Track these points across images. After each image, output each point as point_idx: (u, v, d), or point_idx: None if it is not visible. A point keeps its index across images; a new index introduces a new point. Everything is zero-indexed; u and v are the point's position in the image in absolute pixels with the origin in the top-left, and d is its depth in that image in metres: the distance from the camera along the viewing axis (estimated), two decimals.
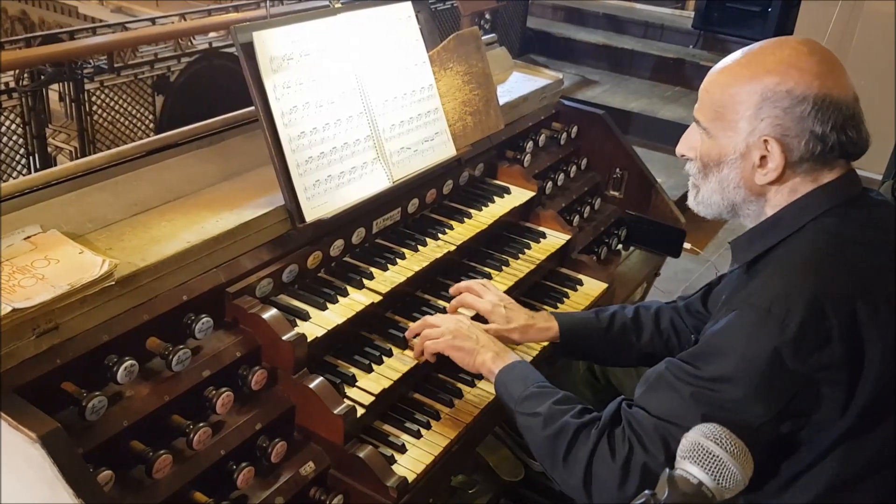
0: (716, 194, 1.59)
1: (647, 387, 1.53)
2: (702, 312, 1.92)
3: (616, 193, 2.80)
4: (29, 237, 1.52)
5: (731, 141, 1.53)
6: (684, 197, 1.78)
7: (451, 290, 2.02)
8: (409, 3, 2.17)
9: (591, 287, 2.35)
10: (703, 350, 1.49)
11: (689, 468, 1.05)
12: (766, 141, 1.48)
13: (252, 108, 1.79)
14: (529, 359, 1.96)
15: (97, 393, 1.38)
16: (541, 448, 1.59)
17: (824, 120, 1.45)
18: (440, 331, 1.82)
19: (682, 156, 1.65)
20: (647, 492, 1.03)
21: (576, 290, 2.33)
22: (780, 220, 1.54)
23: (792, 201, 1.53)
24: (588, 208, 2.64)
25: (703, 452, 1.06)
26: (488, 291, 1.98)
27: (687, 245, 2.82)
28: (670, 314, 1.99)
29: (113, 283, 1.47)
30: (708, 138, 1.57)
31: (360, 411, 1.68)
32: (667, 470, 1.07)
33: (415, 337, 1.88)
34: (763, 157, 1.50)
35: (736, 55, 1.57)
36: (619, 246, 2.74)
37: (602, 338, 1.98)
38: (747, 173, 1.53)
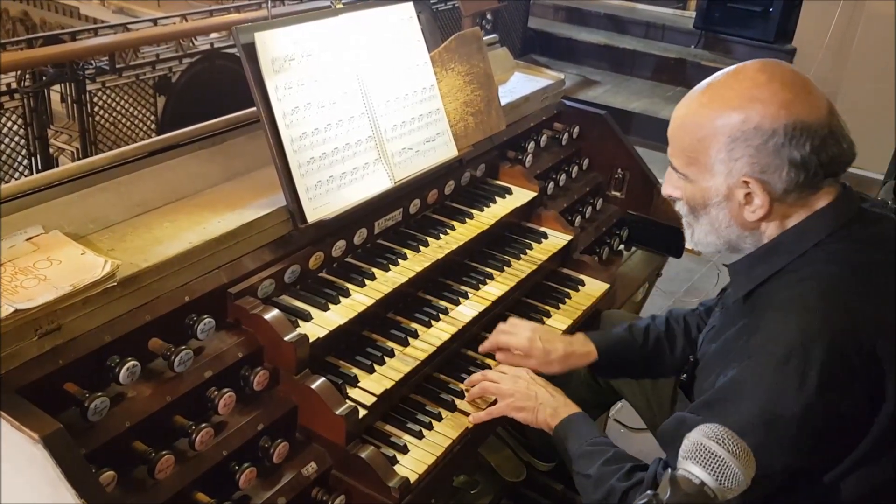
0: (710, 235, 1.56)
1: (673, 448, 1.52)
2: None
3: (618, 194, 2.80)
4: (31, 238, 1.52)
5: (712, 184, 1.49)
6: None
7: (482, 348, 2.00)
8: (411, 4, 2.17)
9: (593, 287, 2.35)
10: (718, 399, 1.45)
11: (691, 468, 1.05)
12: (745, 181, 1.45)
13: (254, 108, 1.79)
14: None
15: (99, 394, 1.38)
16: None
17: (800, 146, 1.40)
18: (501, 390, 1.81)
19: (670, 196, 1.62)
20: (649, 492, 1.03)
21: (577, 290, 2.33)
22: (781, 245, 1.50)
23: (790, 227, 1.49)
24: (590, 209, 2.64)
25: (706, 453, 1.06)
26: (520, 327, 1.96)
27: (688, 245, 2.82)
28: (697, 322, 1.98)
29: (115, 283, 1.47)
30: (688, 182, 1.54)
31: (362, 412, 1.68)
32: (669, 470, 1.07)
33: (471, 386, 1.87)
34: (748, 195, 1.46)
35: (695, 93, 1.52)
36: (621, 246, 2.74)
37: (639, 353, 1.97)
38: (735, 212, 1.50)
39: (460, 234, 2.20)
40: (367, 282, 1.92)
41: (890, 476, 1.44)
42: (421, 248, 2.09)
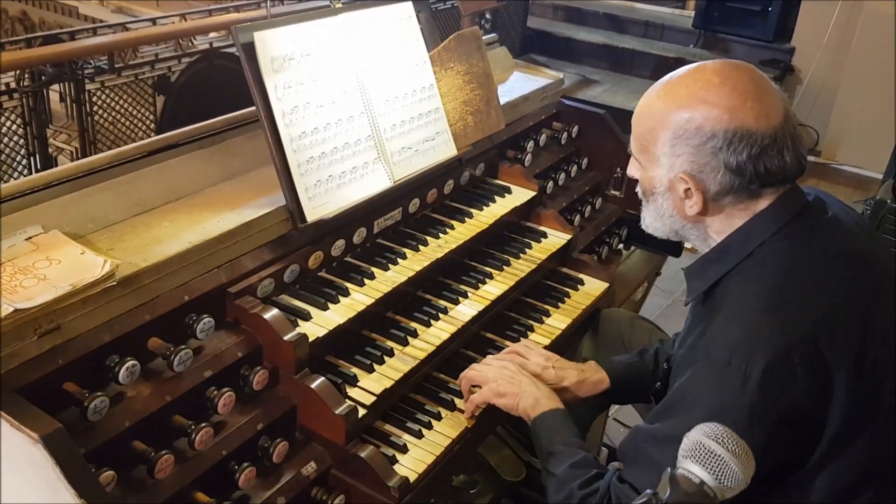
0: (657, 220, 1.62)
1: (628, 461, 1.53)
2: None
3: (617, 193, 2.80)
4: (31, 238, 1.52)
5: (657, 174, 1.55)
6: None
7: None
8: (410, 3, 2.17)
9: (592, 287, 2.35)
10: (668, 407, 1.48)
11: (690, 467, 1.05)
12: (682, 178, 1.49)
13: (253, 108, 1.79)
14: None
15: (99, 393, 1.38)
16: None
17: (738, 152, 1.43)
18: (485, 377, 1.81)
19: (631, 177, 1.66)
20: (648, 491, 1.03)
21: (577, 289, 2.33)
22: (729, 248, 1.53)
23: (736, 228, 1.52)
24: (589, 208, 2.64)
25: (705, 452, 1.06)
26: (533, 352, 1.95)
27: (687, 244, 2.82)
28: None
29: (114, 283, 1.47)
30: (641, 168, 1.60)
31: (362, 411, 1.68)
32: (668, 469, 1.07)
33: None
34: (687, 189, 1.51)
35: (658, 84, 1.56)
36: (620, 245, 2.74)
37: (651, 379, 1.96)
38: (678, 204, 1.55)
39: (460, 233, 2.20)
40: (366, 281, 1.92)
41: (856, 473, 1.44)
42: (420, 247, 2.09)
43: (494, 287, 2.13)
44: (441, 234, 2.17)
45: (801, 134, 1.49)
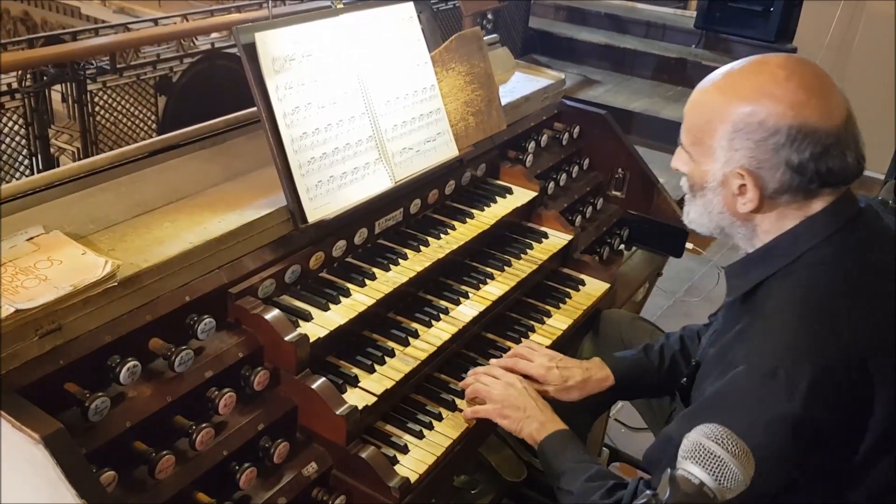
0: (703, 216, 1.58)
1: (658, 469, 1.50)
2: None
3: (618, 193, 2.80)
4: (32, 238, 1.52)
5: (711, 168, 1.50)
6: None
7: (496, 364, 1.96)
8: (411, 4, 2.17)
9: (594, 287, 2.35)
10: (703, 411, 1.43)
11: (690, 468, 1.05)
12: (740, 173, 1.45)
13: (254, 108, 1.79)
14: None
15: (100, 394, 1.38)
16: None
17: (800, 151, 1.39)
18: (490, 394, 1.80)
19: (676, 169, 1.62)
20: (648, 492, 1.03)
21: (578, 290, 2.33)
22: (775, 250, 1.50)
23: (784, 231, 1.48)
24: (590, 208, 2.64)
25: (705, 453, 1.06)
26: (537, 354, 1.95)
27: (689, 245, 2.82)
28: None
29: (115, 283, 1.47)
30: (692, 161, 1.55)
31: (363, 412, 1.67)
32: (668, 470, 1.07)
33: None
34: (742, 186, 1.46)
35: (716, 75, 1.52)
36: (622, 246, 2.74)
37: (656, 375, 1.96)
38: (729, 200, 1.50)
39: (461, 233, 2.20)
40: (367, 282, 1.92)
41: (885, 486, 1.42)
42: (421, 247, 2.09)
43: (495, 287, 2.13)
44: (442, 235, 2.17)
45: (861, 135, 1.44)
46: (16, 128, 3.31)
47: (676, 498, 1.02)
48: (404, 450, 1.71)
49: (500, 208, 2.34)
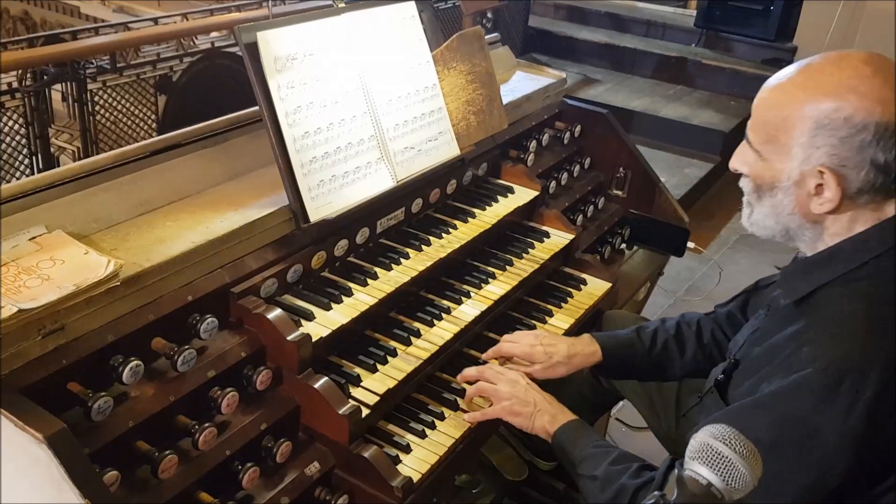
0: (769, 218, 1.51)
1: None
2: (742, 322, 1.87)
3: (619, 193, 2.80)
4: (34, 238, 1.52)
5: (785, 167, 1.43)
6: (686, 196, 1.77)
7: (486, 356, 1.97)
8: (413, 3, 2.16)
9: (595, 287, 2.35)
10: (761, 410, 1.40)
11: (697, 469, 1.04)
12: (821, 171, 1.39)
13: (256, 107, 1.79)
14: None
15: (103, 393, 1.38)
16: None
17: (886, 149, 1.34)
18: (498, 392, 1.79)
19: (735, 170, 1.56)
20: (656, 493, 1.03)
21: (580, 289, 2.33)
22: (839, 254, 1.45)
23: (853, 234, 1.44)
24: (591, 207, 2.64)
25: (712, 453, 1.05)
26: (521, 335, 1.96)
27: (690, 244, 2.82)
28: (711, 327, 1.96)
29: (118, 283, 1.47)
30: (760, 160, 1.48)
31: (365, 411, 1.67)
32: (675, 471, 1.06)
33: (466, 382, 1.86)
34: (819, 186, 1.41)
35: (792, 71, 1.46)
36: (623, 245, 2.74)
37: (646, 357, 1.96)
38: (802, 200, 1.44)
39: (462, 233, 2.20)
40: (369, 281, 1.92)
41: None
42: (423, 247, 2.09)
43: (497, 287, 2.13)
44: (444, 234, 2.17)
45: None
46: (16, 127, 3.31)
47: (684, 498, 1.02)
48: (407, 449, 1.71)
49: (502, 207, 2.34)
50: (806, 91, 1.41)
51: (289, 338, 1.63)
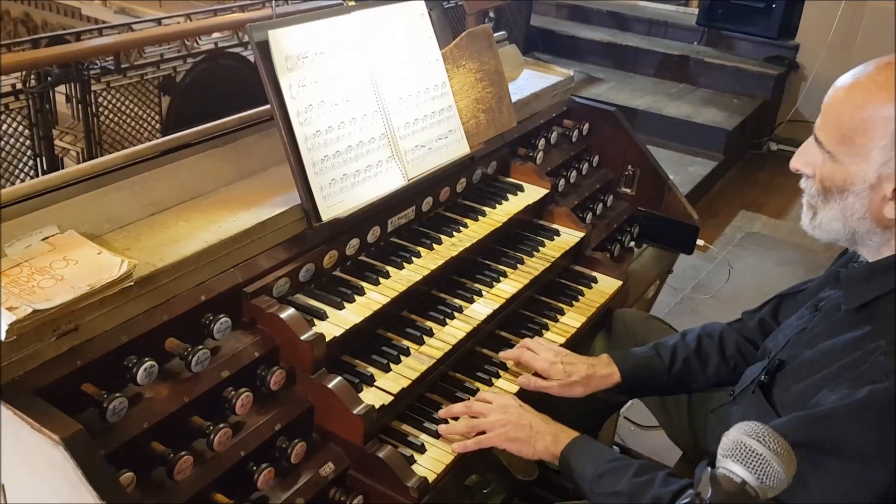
0: (836, 222, 1.45)
1: None
2: (773, 327, 1.84)
3: (628, 190, 2.79)
4: (47, 238, 1.51)
5: (861, 169, 1.38)
6: (690, 194, 1.74)
7: (503, 356, 1.94)
8: (422, 1, 2.15)
9: (606, 284, 2.34)
10: (835, 422, 1.34)
11: (731, 467, 1.03)
12: None
13: (265, 106, 1.79)
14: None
15: (118, 394, 1.37)
16: None
17: None
18: (490, 422, 1.70)
19: (798, 170, 1.51)
20: (691, 491, 1.02)
21: (590, 287, 2.32)
22: None
23: None
24: (601, 205, 2.63)
25: (746, 451, 1.04)
26: (543, 348, 1.92)
27: (699, 241, 2.81)
28: (735, 339, 1.93)
29: (132, 283, 1.46)
30: (831, 161, 1.42)
31: (379, 411, 1.66)
32: (708, 469, 1.05)
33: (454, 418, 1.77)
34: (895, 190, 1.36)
35: (869, 70, 1.40)
36: (632, 243, 2.73)
37: (666, 374, 1.92)
38: (875, 204, 1.39)
39: (473, 231, 2.19)
40: (381, 280, 1.91)
41: None
42: (434, 245, 2.08)
43: (509, 285, 2.12)
44: (455, 233, 2.16)
45: None
46: (20, 129, 3.30)
47: (718, 497, 1.00)
48: (421, 449, 1.70)
49: (512, 206, 2.33)
50: (889, 90, 1.35)
51: (302, 337, 1.62)
